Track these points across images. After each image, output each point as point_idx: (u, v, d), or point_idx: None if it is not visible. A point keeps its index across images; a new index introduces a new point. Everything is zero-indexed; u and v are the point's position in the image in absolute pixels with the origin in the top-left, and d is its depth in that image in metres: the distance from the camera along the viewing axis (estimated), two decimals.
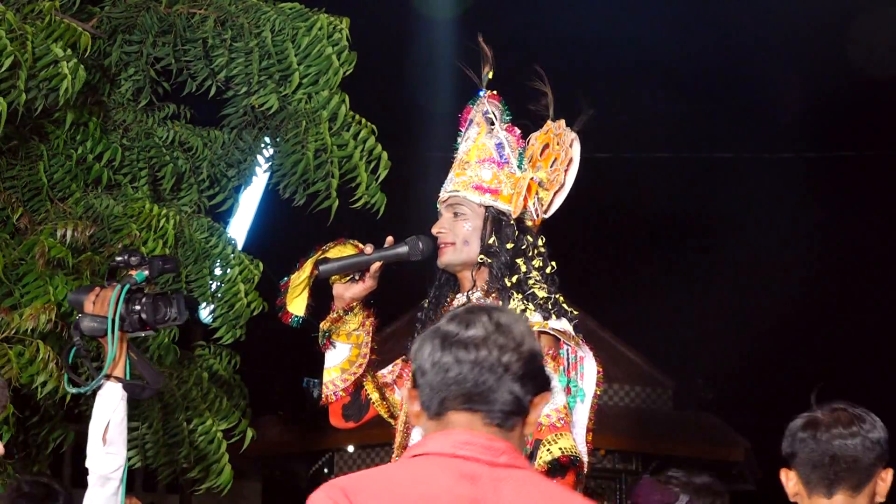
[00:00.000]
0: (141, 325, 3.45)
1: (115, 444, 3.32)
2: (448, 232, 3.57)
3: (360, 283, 3.57)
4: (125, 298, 3.39)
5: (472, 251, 3.56)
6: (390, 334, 13.37)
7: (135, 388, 3.41)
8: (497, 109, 3.65)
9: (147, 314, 3.43)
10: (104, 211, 5.19)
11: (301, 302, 3.61)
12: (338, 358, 3.67)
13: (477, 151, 3.62)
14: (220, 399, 5.20)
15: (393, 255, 3.55)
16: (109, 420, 3.32)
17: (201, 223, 5.41)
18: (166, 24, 5.56)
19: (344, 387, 3.67)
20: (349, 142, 5.38)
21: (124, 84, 5.67)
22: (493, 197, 3.56)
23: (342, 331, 3.63)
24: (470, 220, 3.56)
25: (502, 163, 3.59)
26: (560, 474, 3.28)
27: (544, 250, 3.61)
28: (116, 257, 3.53)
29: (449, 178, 3.65)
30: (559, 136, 3.68)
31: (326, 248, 3.59)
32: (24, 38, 4.49)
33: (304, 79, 5.35)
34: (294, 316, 3.63)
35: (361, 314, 3.63)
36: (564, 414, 3.37)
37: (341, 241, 3.60)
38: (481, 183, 3.57)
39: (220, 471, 5.12)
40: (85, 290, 3.54)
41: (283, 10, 5.39)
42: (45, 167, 5.29)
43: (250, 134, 5.74)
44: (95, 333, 3.41)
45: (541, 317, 3.42)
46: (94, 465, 3.31)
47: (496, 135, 3.62)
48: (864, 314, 16.18)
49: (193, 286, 5.43)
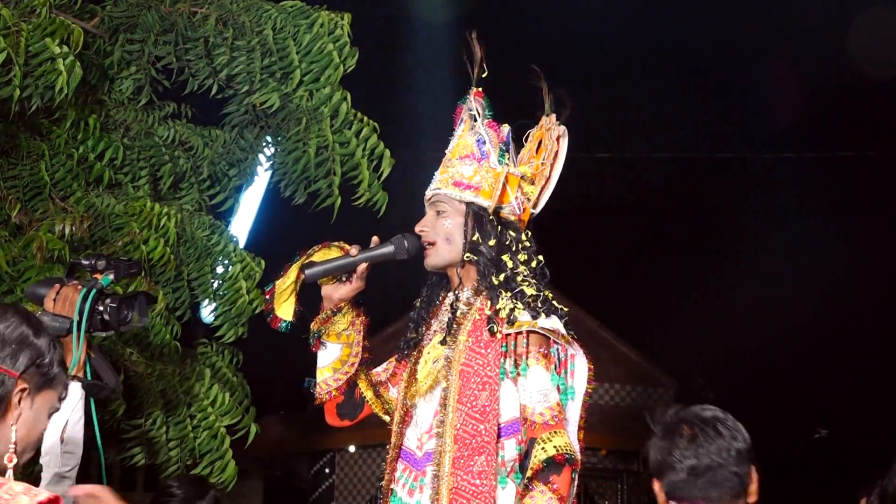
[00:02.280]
0: (103, 327, 3.47)
1: (73, 442, 3.31)
2: (430, 230, 3.58)
3: (348, 284, 3.59)
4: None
5: (454, 249, 3.56)
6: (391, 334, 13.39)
7: (94, 387, 3.40)
8: (480, 106, 3.65)
9: (111, 316, 3.44)
10: (105, 210, 5.19)
11: (289, 307, 3.63)
12: (329, 358, 3.69)
13: (459, 148, 3.62)
14: (222, 395, 5.20)
15: (379, 255, 3.55)
16: (68, 419, 3.31)
17: (202, 221, 5.41)
18: (168, 22, 5.56)
19: (336, 386, 3.68)
20: (351, 139, 5.38)
21: (125, 83, 5.66)
22: (473, 193, 3.56)
23: (332, 331, 3.65)
24: (451, 217, 3.56)
25: (482, 158, 3.59)
26: (555, 472, 3.29)
27: (529, 245, 3.60)
28: (83, 261, 3.52)
29: (434, 177, 3.65)
30: (549, 130, 3.68)
31: (311, 251, 3.60)
32: (18, 34, 4.49)
33: (305, 76, 5.35)
34: (282, 321, 3.64)
35: (351, 314, 3.64)
36: (558, 412, 3.38)
37: (326, 245, 3.61)
38: (461, 179, 3.57)
39: (224, 466, 5.12)
40: (44, 285, 3.54)
41: (285, 8, 5.39)
42: (47, 166, 5.29)
43: (251, 132, 5.74)
44: (57, 333, 3.38)
45: (529, 316, 3.42)
46: (50, 464, 3.29)
47: (477, 131, 3.62)
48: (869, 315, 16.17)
49: (195, 284, 5.43)
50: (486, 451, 3.35)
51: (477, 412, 3.39)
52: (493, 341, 3.44)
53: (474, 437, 3.37)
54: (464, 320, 3.52)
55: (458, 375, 3.45)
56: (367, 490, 14.62)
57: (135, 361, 5.11)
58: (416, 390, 3.56)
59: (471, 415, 3.40)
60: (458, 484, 3.35)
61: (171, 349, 5.25)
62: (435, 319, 3.66)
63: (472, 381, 3.43)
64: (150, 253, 5.01)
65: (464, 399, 3.42)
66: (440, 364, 3.51)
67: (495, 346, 3.44)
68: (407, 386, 3.60)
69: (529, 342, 3.41)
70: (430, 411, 3.51)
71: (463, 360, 3.46)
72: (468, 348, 3.47)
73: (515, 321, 3.41)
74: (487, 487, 3.32)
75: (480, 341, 3.47)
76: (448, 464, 3.38)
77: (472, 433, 3.38)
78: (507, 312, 3.42)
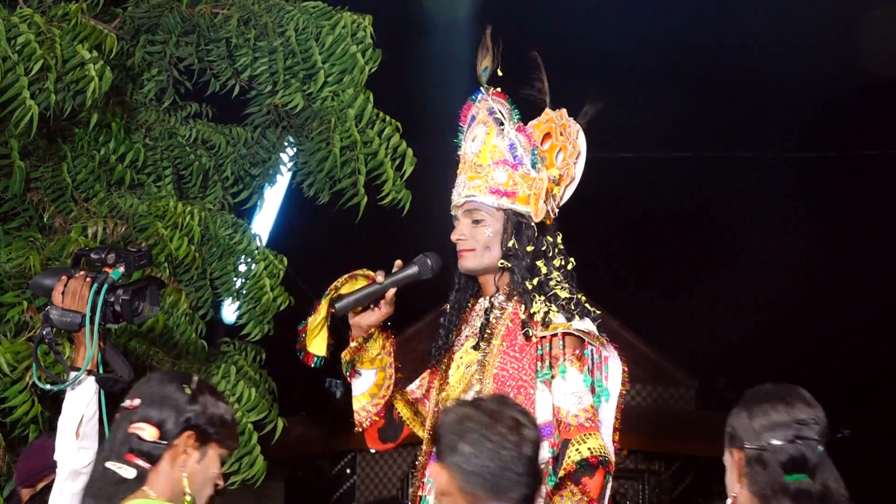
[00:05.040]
0: (115, 318, 3.43)
1: (88, 438, 3.29)
2: (468, 239, 3.54)
3: (377, 311, 3.54)
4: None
5: (493, 256, 3.53)
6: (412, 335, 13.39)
7: (107, 381, 3.36)
8: (504, 108, 3.59)
9: (123, 308, 3.41)
10: (129, 210, 5.20)
11: (321, 342, 3.60)
12: (365, 385, 3.68)
13: (489, 153, 3.56)
14: (248, 391, 5.20)
15: (404, 277, 3.52)
16: (83, 415, 3.29)
17: (225, 220, 5.42)
18: (189, 24, 5.58)
19: (376, 411, 3.66)
20: (374, 139, 5.38)
21: (147, 84, 5.69)
22: (510, 200, 3.52)
23: (365, 358, 3.63)
24: (490, 226, 3.53)
25: (516, 164, 3.54)
26: (589, 474, 3.27)
27: (563, 246, 3.59)
28: (93, 255, 3.49)
29: (461, 182, 3.60)
30: (563, 126, 3.63)
31: (338, 284, 3.56)
32: (51, 40, 4.51)
33: (328, 77, 5.35)
34: (316, 357, 3.62)
35: (381, 338, 3.62)
36: (592, 414, 3.35)
37: (351, 276, 3.58)
38: (497, 186, 3.52)
39: (252, 462, 5.13)
40: (50, 276, 3.48)
41: (307, 9, 5.40)
42: (69, 168, 5.31)
43: (274, 133, 5.75)
44: (68, 328, 3.38)
45: (564, 318, 3.39)
46: (65, 460, 3.28)
47: (507, 135, 3.56)
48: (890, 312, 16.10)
49: (218, 283, 5.44)
50: None
51: None
52: (528, 345, 3.42)
53: None
54: (497, 325, 3.51)
55: (491, 379, 3.43)
56: (388, 490, 14.63)
57: (161, 360, 5.12)
58: (447, 395, 3.55)
59: None
60: None
61: (196, 348, 5.26)
62: (465, 325, 3.64)
63: (507, 385, 3.41)
64: (176, 252, 5.03)
65: None
66: (473, 369, 3.49)
67: (530, 350, 3.42)
68: (438, 391, 3.59)
69: (564, 344, 3.40)
70: None
71: (497, 365, 3.45)
72: (502, 353, 3.46)
73: (550, 323, 3.39)
74: None
75: (515, 346, 3.45)
76: None
77: None
78: (541, 316, 3.40)
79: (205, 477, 2.87)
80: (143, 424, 2.82)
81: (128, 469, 2.79)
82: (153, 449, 2.81)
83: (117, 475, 2.79)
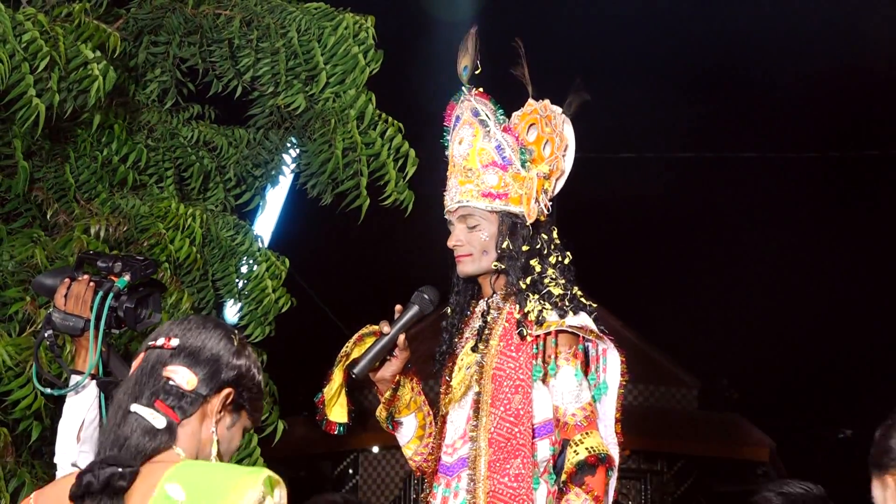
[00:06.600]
0: (118, 325, 3.42)
1: (89, 442, 3.26)
2: (465, 244, 3.55)
3: (395, 360, 3.55)
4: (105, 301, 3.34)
5: (491, 259, 3.54)
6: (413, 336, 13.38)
7: (108, 385, 3.32)
8: (488, 109, 3.57)
9: (127, 316, 3.39)
10: (130, 211, 5.21)
11: (341, 409, 3.62)
12: (410, 431, 3.70)
13: (478, 157, 3.54)
14: None
15: (409, 320, 3.52)
16: (84, 418, 3.28)
17: (227, 221, 5.42)
18: (192, 25, 5.59)
19: (429, 451, 3.66)
20: (376, 140, 5.39)
21: (150, 85, 5.69)
22: (502, 202, 3.52)
23: (401, 406, 3.65)
24: (485, 230, 3.53)
25: (505, 165, 3.53)
26: (589, 473, 3.29)
27: (559, 242, 3.59)
28: (99, 263, 3.47)
29: (453, 187, 3.59)
30: (548, 118, 3.61)
31: (348, 350, 3.57)
32: (55, 39, 4.52)
33: (330, 78, 5.37)
34: (339, 424, 3.63)
35: (408, 382, 3.64)
36: (590, 411, 3.38)
37: (359, 339, 3.57)
38: (489, 189, 3.52)
39: (252, 464, 5.13)
40: (51, 277, 3.47)
41: (309, 10, 5.41)
42: (72, 168, 5.31)
43: (276, 134, 5.76)
44: (70, 332, 3.37)
45: (557, 315, 3.41)
46: (65, 464, 3.26)
47: (493, 137, 3.54)
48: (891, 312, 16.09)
49: (220, 284, 5.45)
50: (522, 454, 3.35)
51: (511, 415, 3.39)
52: (524, 345, 3.44)
53: (509, 441, 3.38)
54: (494, 326, 3.52)
55: (490, 380, 3.45)
56: (390, 491, 14.63)
57: None
58: (450, 398, 3.56)
59: (505, 418, 3.40)
60: (495, 487, 3.35)
61: None
62: (467, 328, 3.65)
63: (505, 384, 3.43)
64: (177, 253, 5.04)
65: (497, 403, 3.42)
66: (472, 370, 3.51)
67: (526, 349, 3.43)
68: (443, 395, 3.61)
69: (558, 342, 3.41)
70: (462, 417, 3.51)
71: (495, 365, 3.46)
72: (499, 353, 3.47)
73: (544, 322, 3.40)
74: (524, 490, 3.33)
75: (511, 345, 3.47)
76: (484, 467, 3.39)
77: (506, 436, 3.38)
78: (535, 315, 3.42)
79: (228, 447, 2.45)
80: (179, 368, 2.37)
81: (158, 417, 2.32)
82: (187, 400, 2.35)
83: (145, 421, 2.31)
